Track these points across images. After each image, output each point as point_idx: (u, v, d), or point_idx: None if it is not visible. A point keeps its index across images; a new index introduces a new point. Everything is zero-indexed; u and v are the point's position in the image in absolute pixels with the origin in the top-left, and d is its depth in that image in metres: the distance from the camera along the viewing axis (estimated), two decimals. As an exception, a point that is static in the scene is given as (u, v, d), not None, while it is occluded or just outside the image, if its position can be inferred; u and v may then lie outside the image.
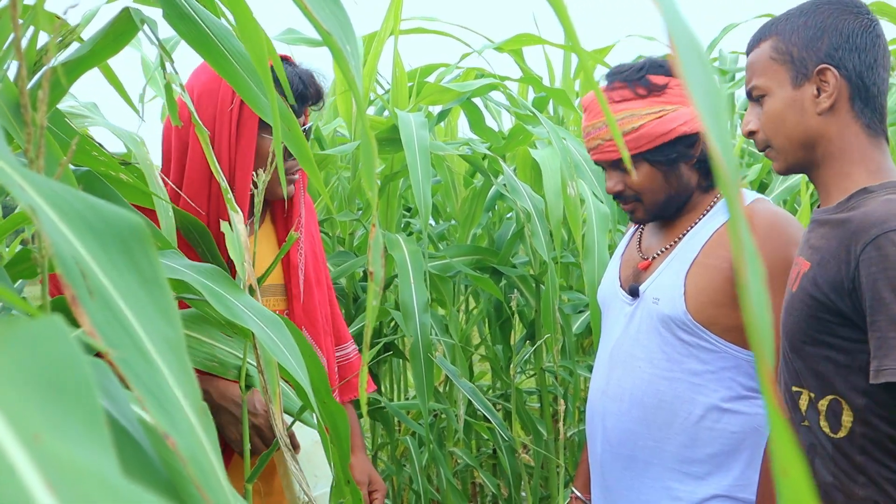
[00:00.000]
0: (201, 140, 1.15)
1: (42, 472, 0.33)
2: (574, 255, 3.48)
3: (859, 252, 1.35)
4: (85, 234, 0.54)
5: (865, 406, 1.40)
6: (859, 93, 1.48)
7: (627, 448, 1.85)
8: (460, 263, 3.13)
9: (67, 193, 0.56)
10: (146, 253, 0.58)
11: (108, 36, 1.17)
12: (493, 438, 3.34)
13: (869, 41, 1.49)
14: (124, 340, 0.51)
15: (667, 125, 1.80)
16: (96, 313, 0.50)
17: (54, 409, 0.37)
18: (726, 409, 1.77)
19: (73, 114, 1.26)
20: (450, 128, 3.82)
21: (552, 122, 3.69)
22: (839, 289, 1.39)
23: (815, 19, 1.50)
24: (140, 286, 0.56)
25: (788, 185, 3.56)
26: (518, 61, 3.62)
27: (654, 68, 1.85)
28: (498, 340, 3.70)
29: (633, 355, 1.85)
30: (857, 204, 1.43)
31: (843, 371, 1.42)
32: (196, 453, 0.52)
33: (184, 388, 0.55)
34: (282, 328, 1.09)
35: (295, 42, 3.37)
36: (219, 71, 1.13)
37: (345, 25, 0.77)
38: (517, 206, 2.92)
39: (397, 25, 3.07)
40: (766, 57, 1.54)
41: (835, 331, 1.42)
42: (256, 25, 0.95)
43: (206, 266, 1.14)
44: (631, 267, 1.96)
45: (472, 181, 3.62)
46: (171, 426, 0.51)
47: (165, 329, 0.56)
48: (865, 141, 1.49)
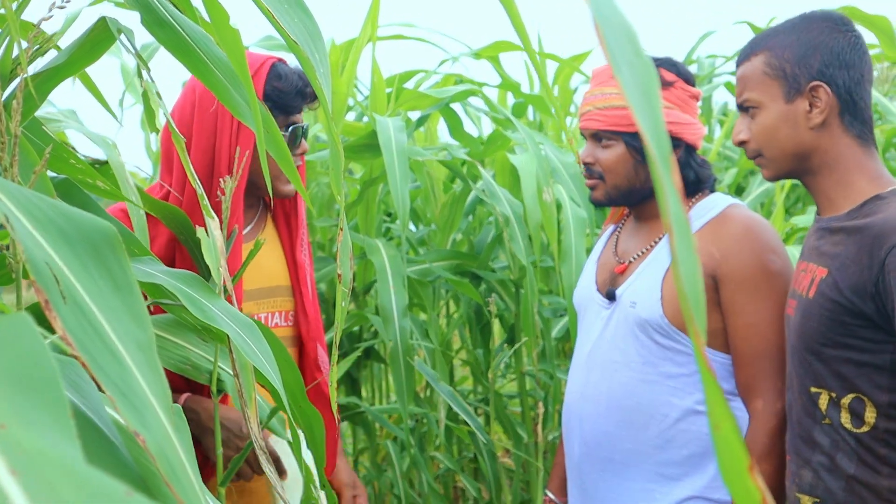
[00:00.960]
0: (177, 146, 1.16)
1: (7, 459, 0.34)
2: (553, 260, 3.50)
3: (884, 256, 1.42)
4: (58, 241, 0.55)
5: (889, 402, 1.47)
6: (848, 107, 1.55)
7: (605, 450, 1.87)
8: (440, 268, 3.15)
9: (41, 201, 0.58)
10: (118, 258, 0.59)
11: (84, 45, 1.18)
12: (473, 443, 3.35)
13: (857, 58, 1.56)
14: (96, 343, 0.53)
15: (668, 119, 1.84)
16: (69, 317, 0.52)
17: (21, 400, 0.38)
18: (702, 411, 1.79)
19: (47, 119, 1.27)
20: (430, 134, 3.84)
21: (531, 127, 3.72)
22: (862, 292, 1.45)
23: (807, 36, 1.57)
24: (112, 291, 0.57)
25: (765, 188, 3.60)
26: (496, 68, 3.64)
27: (668, 65, 1.90)
28: (479, 345, 3.72)
29: (611, 358, 1.87)
30: (872, 210, 1.50)
31: (865, 370, 1.49)
32: (165, 450, 0.53)
33: (154, 388, 0.56)
34: (256, 332, 1.10)
35: (274, 48, 3.38)
36: (198, 76, 1.14)
37: (313, 33, 0.79)
38: (496, 211, 2.94)
39: (375, 32, 3.09)
40: (758, 71, 1.60)
41: (857, 332, 1.48)
42: (235, 31, 0.97)
43: (182, 271, 1.15)
44: (607, 271, 1.98)
45: (452, 186, 3.64)
46: (140, 424, 0.52)
47: (136, 332, 0.57)
48: (858, 150, 1.56)
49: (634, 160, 1.87)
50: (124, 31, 1.20)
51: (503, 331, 3.77)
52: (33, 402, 0.39)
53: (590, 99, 1.91)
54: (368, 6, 3.13)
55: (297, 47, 0.73)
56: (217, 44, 1.15)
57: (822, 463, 1.55)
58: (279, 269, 1.88)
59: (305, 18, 0.77)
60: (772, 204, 3.75)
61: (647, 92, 0.42)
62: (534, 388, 3.57)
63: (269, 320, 1.84)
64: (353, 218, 3.22)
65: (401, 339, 2.64)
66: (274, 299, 1.85)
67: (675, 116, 1.85)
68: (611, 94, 1.87)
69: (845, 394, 1.51)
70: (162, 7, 1.16)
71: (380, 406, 3.61)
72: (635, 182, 1.88)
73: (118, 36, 1.19)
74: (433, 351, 3.20)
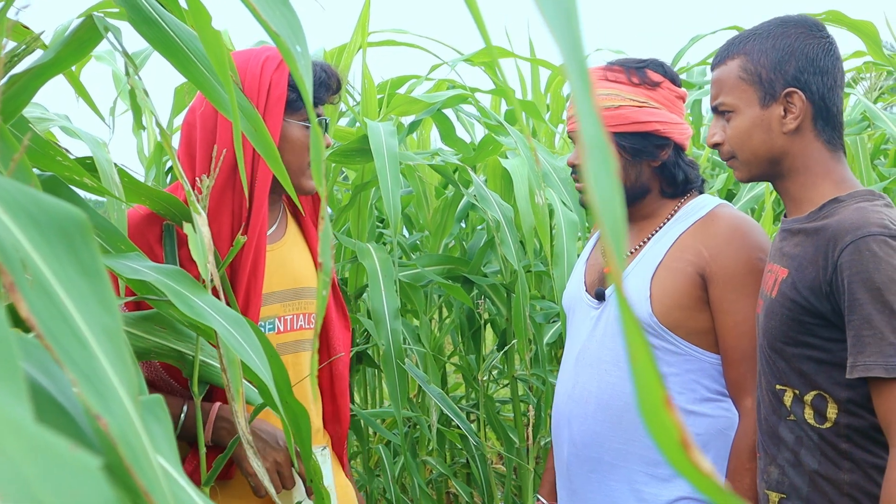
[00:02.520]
0: (165, 145, 1.17)
1: None
2: (545, 264, 3.51)
3: (836, 257, 1.46)
4: (27, 225, 0.55)
5: (848, 398, 1.50)
6: (821, 113, 1.58)
7: (594, 451, 1.87)
8: (432, 272, 3.16)
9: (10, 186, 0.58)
10: (87, 244, 0.60)
11: (71, 43, 1.19)
12: (465, 447, 3.36)
13: (830, 64, 1.58)
14: (61, 326, 0.53)
15: (644, 116, 1.85)
16: (34, 300, 0.52)
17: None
18: (691, 411, 1.80)
19: (37, 119, 1.27)
20: (422, 139, 3.85)
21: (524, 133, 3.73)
22: (818, 292, 1.50)
23: (783, 42, 1.58)
24: (80, 276, 0.58)
25: (754, 194, 3.62)
26: (489, 73, 3.66)
27: (655, 66, 1.91)
28: (471, 350, 3.73)
29: (600, 359, 1.88)
30: (830, 213, 1.53)
31: (825, 368, 1.52)
32: (127, 435, 0.53)
33: (119, 374, 0.56)
34: (245, 327, 1.11)
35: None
36: (185, 74, 1.15)
37: (294, 27, 0.79)
38: (487, 216, 2.95)
39: (365, 38, 3.10)
40: (734, 76, 1.62)
41: (815, 331, 1.52)
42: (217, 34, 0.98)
43: (168, 267, 1.16)
44: (596, 271, 1.99)
45: (444, 192, 3.65)
46: (103, 408, 0.52)
47: (104, 317, 0.57)
48: (827, 155, 1.59)
49: (624, 160, 1.87)
50: (111, 29, 1.21)
51: (495, 336, 3.77)
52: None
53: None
54: (359, 12, 3.15)
55: (280, 39, 0.74)
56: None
57: (788, 459, 1.58)
58: (306, 270, 1.85)
59: (287, 13, 0.78)
60: (762, 209, 3.77)
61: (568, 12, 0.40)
62: (525, 393, 3.58)
63: (295, 322, 1.81)
64: (346, 223, 3.23)
65: (393, 342, 2.65)
66: (300, 301, 1.82)
67: (663, 116, 1.86)
68: (599, 96, 1.87)
69: (808, 391, 1.55)
70: (148, 6, 1.17)
71: (372, 410, 3.61)
72: (625, 182, 1.88)
73: (105, 34, 1.20)
74: (425, 355, 3.20)
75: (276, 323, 1.78)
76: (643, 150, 1.87)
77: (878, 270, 1.42)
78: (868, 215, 1.48)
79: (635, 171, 1.89)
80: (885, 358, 1.42)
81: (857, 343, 1.45)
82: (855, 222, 1.47)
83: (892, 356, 1.41)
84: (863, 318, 1.43)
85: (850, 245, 1.45)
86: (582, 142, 0.36)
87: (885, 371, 1.42)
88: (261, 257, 1.68)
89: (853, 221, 1.47)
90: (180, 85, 3.34)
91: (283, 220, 1.87)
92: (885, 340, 1.42)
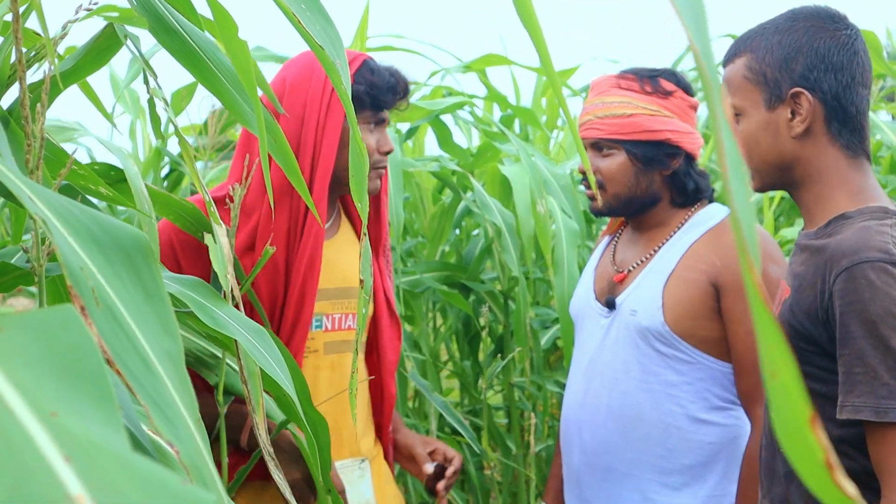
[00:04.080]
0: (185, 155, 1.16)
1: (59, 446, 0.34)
2: (542, 271, 3.51)
3: (832, 282, 1.33)
4: (91, 248, 0.55)
5: (840, 438, 1.36)
6: (836, 114, 1.43)
7: (605, 459, 1.87)
8: (430, 279, 3.16)
9: (73, 206, 0.58)
10: (149, 267, 0.60)
11: (91, 51, 1.18)
12: (462, 453, 3.35)
13: (846, 59, 1.43)
14: (129, 352, 0.53)
15: (656, 124, 1.85)
16: (103, 325, 0.52)
17: (68, 390, 0.39)
18: (703, 419, 1.80)
19: (61, 127, 1.26)
20: (418, 145, 3.85)
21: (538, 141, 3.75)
22: (814, 318, 1.37)
23: (790, 38, 1.44)
24: (144, 299, 0.58)
25: (752, 201, 3.62)
26: (483, 80, 3.66)
27: (668, 75, 1.91)
28: (466, 356, 3.72)
29: (611, 367, 1.88)
30: (835, 230, 1.40)
31: (819, 401, 1.38)
32: (197, 462, 0.53)
33: (184, 399, 0.56)
34: (266, 338, 1.10)
35: (264, 59, 3.39)
36: (204, 84, 1.14)
37: (335, 41, 0.79)
38: (486, 222, 2.95)
39: (364, 43, 3.10)
40: (739, 76, 1.49)
41: (811, 360, 1.39)
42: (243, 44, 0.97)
43: (189, 278, 1.15)
44: (605, 280, 1.99)
45: (441, 198, 3.65)
46: (174, 436, 0.52)
47: (167, 342, 0.57)
48: (844, 162, 1.44)
49: (635, 168, 1.88)
50: (131, 38, 1.20)
51: (491, 342, 3.77)
52: (81, 393, 0.39)
53: (589, 108, 1.92)
54: (359, 18, 3.14)
55: (323, 52, 0.74)
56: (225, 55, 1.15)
57: (779, 495, 1.47)
58: (356, 270, 1.82)
59: (327, 26, 0.78)
60: (759, 217, 3.79)
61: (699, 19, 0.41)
62: (521, 399, 3.57)
63: (343, 322, 1.81)
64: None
65: (393, 350, 2.64)
66: (348, 301, 1.82)
67: (674, 125, 1.86)
68: (612, 103, 1.88)
69: None
70: (170, 15, 1.16)
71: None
72: (636, 190, 1.89)
73: (125, 41, 1.19)
74: (423, 362, 3.20)
75: (324, 321, 1.78)
76: (655, 158, 1.87)
77: (874, 301, 1.28)
78: (870, 237, 1.33)
79: (647, 180, 1.89)
80: (877, 399, 1.27)
81: (847, 380, 1.31)
82: (854, 245, 1.33)
83: (885, 398, 1.27)
84: (855, 353, 1.30)
85: (846, 271, 1.31)
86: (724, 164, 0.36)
87: (874, 414, 1.27)
88: (318, 254, 1.69)
89: (852, 244, 1.33)
90: (177, 89, 3.33)
91: (338, 219, 1.88)
92: (878, 380, 1.27)
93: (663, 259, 1.88)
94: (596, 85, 1.96)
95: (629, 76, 1.90)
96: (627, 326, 1.85)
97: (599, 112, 1.88)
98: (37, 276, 0.70)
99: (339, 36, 0.80)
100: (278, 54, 3.42)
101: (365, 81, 1.73)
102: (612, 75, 1.94)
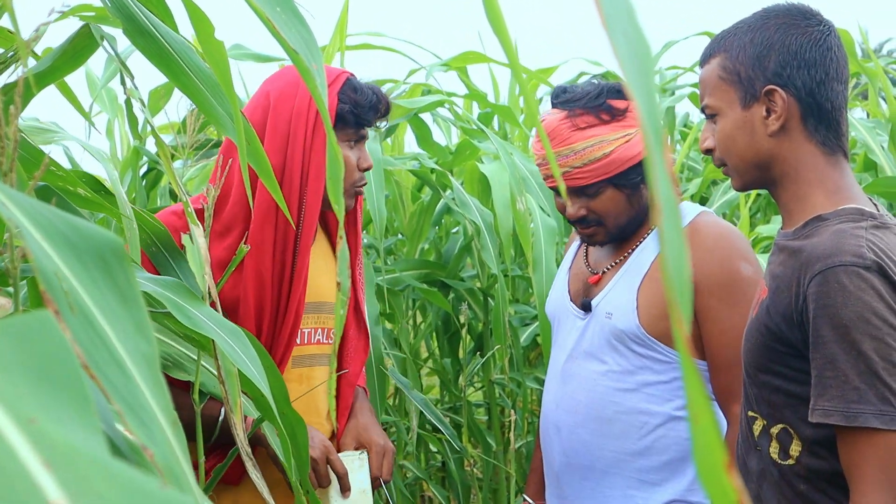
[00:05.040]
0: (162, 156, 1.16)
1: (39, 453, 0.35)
2: (521, 269, 3.53)
3: (806, 285, 1.33)
4: (65, 251, 0.55)
5: (813, 438, 1.37)
6: (811, 111, 1.42)
7: (585, 459, 1.88)
8: (410, 277, 3.17)
9: (47, 211, 0.58)
10: (124, 270, 0.60)
11: (67, 52, 1.18)
12: (442, 450, 3.36)
13: (819, 55, 1.42)
14: (104, 355, 0.53)
15: (634, 149, 1.81)
16: (78, 329, 0.52)
17: (46, 396, 0.39)
18: (679, 416, 1.82)
19: (41, 129, 1.26)
20: (397, 143, 3.85)
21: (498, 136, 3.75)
22: (789, 320, 1.37)
23: (762, 35, 1.44)
24: (118, 302, 0.58)
25: (727, 198, 3.65)
26: (463, 78, 3.67)
27: (612, 93, 1.85)
28: (446, 354, 3.74)
29: (587, 368, 1.89)
30: (811, 232, 1.39)
31: (793, 402, 1.39)
32: (171, 465, 0.54)
33: (158, 401, 0.57)
34: (243, 338, 1.11)
35: (242, 58, 3.38)
36: (179, 86, 1.15)
37: (310, 44, 0.80)
38: (466, 220, 2.96)
39: (343, 41, 3.10)
40: (714, 76, 1.48)
41: (786, 361, 1.40)
42: (220, 44, 0.98)
43: (167, 278, 1.15)
44: (580, 281, 1.99)
45: (420, 196, 3.66)
46: (148, 439, 0.52)
47: (142, 345, 0.57)
48: (822, 160, 1.43)
49: (626, 193, 1.85)
50: (107, 38, 1.20)
51: (471, 339, 3.79)
52: (59, 399, 0.40)
53: (561, 161, 1.83)
54: (338, 15, 3.14)
55: (297, 56, 0.74)
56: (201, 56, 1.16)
57: (752, 491, 1.49)
58: (329, 285, 1.85)
59: (303, 30, 0.79)
60: (734, 214, 3.82)
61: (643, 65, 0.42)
62: (501, 396, 3.59)
63: (313, 336, 1.81)
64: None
65: (373, 348, 2.65)
66: (318, 315, 1.81)
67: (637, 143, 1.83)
68: (584, 150, 1.81)
69: (774, 423, 1.43)
70: (144, 17, 1.16)
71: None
72: (632, 212, 1.87)
73: (101, 42, 1.19)
74: (403, 360, 3.21)
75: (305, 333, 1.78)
76: (639, 176, 1.84)
77: (847, 306, 1.28)
78: (843, 241, 1.33)
79: (637, 198, 1.87)
80: (847, 404, 1.28)
81: (818, 384, 1.31)
82: (827, 249, 1.33)
83: (855, 402, 1.27)
84: (826, 357, 1.30)
85: (819, 275, 1.31)
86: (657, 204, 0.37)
87: (844, 419, 1.28)
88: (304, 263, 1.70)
89: (826, 248, 1.33)
90: (155, 88, 3.32)
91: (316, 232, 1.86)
92: (848, 384, 1.28)
93: (637, 260, 1.88)
94: (552, 133, 1.85)
95: (581, 112, 1.83)
96: (603, 329, 1.86)
97: (576, 162, 1.83)
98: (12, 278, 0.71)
99: (314, 39, 0.81)
100: (257, 52, 3.41)
101: (348, 100, 1.73)
102: (560, 116, 1.85)
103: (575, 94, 1.85)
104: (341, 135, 1.74)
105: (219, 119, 1.19)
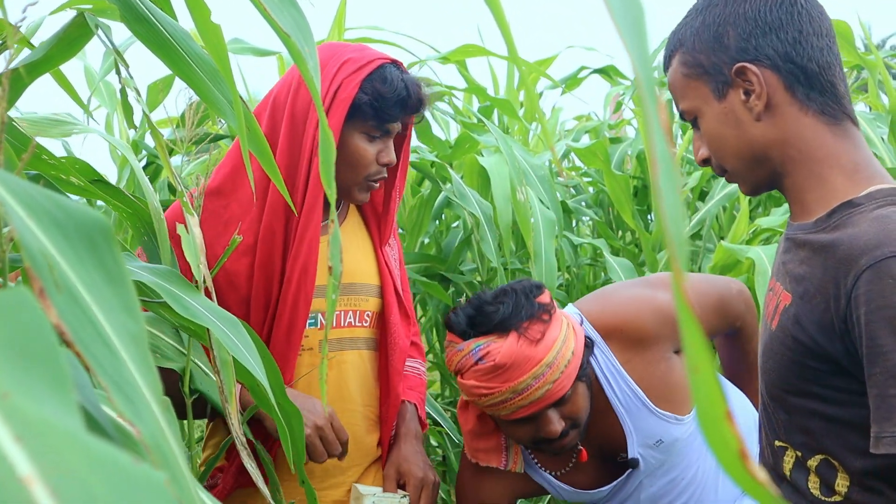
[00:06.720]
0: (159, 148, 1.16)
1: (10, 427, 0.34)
2: (521, 262, 3.52)
3: (850, 286, 1.10)
4: (52, 230, 0.55)
5: (865, 470, 1.15)
6: (796, 78, 1.22)
7: None
8: (410, 271, 3.16)
9: (34, 190, 0.58)
10: (111, 249, 0.59)
11: (62, 41, 1.17)
12: (443, 444, 3.36)
13: (783, 14, 1.22)
14: (90, 333, 0.53)
15: (574, 360, 1.66)
16: (63, 307, 0.51)
17: (22, 372, 0.38)
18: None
19: (58, 121, 1.26)
20: (397, 137, 3.85)
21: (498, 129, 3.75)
22: (828, 331, 1.14)
23: (712, 14, 1.26)
24: (105, 281, 0.57)
25: (727, 192, 3.64)
26: (462, 71, 3.66)
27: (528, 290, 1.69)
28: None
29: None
30: (843, 222, 1.17)
31: (836, 428, 1.18)
32: (159, 442, 0.53)
33: (146, 380, 0.56)
34: (239, 328, 1.10)
35: (242, 52, 3.37)
36: (177, 73, 1.14)
37: (303, 28, 0.79)
38: (465, 213, 2.96)
39: (342, 35, 3.09)
40: (679, 76, 1.30)
41: (824, 380, 1.18)
42: (217, 27, 0.97)
43: (161, 267, 1.15)
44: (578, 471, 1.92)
45: (420, 189, 3.65)
46: (135, 416, 0.52)
47: (129, 324, 0.57)
48: (826, 132, 1.22)
49: (586, 383, 1.72)
50: (102, 27, 1.20)
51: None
52: (34, 374, 0.39)
53: (528, 391, 1.61)
54: (336, 9, 3.14)
55: (290, 40, 0.73)
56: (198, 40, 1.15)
57: None
58: (361, 265, 1.79)
59: (296, 13, 0.78)
60: (734, 207, 3.81)
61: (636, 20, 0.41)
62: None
63: (343, 319, 1.75)
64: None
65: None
66: (350, 297, 1.75)
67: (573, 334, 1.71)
68: (556, 358, 1.63)
69: (812, 454, 1.21)
70: (141, 3, 1.16)
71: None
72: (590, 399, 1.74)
73: (96, 31, 1.18)
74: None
75: (319, 317, 1.72)
76: (587, 360, 1.72)
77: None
78: (891, 228, 1.11)
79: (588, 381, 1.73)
80: None
81: (882, 405, 1.06)
82: (872, 239, 1.10)
83: None
84: (889, 370, 1.06)
85: (868, 270, 1.08)
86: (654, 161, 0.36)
87: None
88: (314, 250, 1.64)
89: (870, 237, 1.10)
90: (153, 82, 3.31)
91: (343, 211, 1.82)
92: None
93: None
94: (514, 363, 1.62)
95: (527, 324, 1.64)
96: (664, 450, 1.83)
97: (554, 375, 1.63)
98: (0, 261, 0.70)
99: (307, 24, 0.80)
100: (256, 46, 3.41)
101: (371, 90, 1.62)
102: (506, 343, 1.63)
103: (500, 312, 1.64)
104: (360, 126, 1.66)
105: (218, 106, 1.18)
